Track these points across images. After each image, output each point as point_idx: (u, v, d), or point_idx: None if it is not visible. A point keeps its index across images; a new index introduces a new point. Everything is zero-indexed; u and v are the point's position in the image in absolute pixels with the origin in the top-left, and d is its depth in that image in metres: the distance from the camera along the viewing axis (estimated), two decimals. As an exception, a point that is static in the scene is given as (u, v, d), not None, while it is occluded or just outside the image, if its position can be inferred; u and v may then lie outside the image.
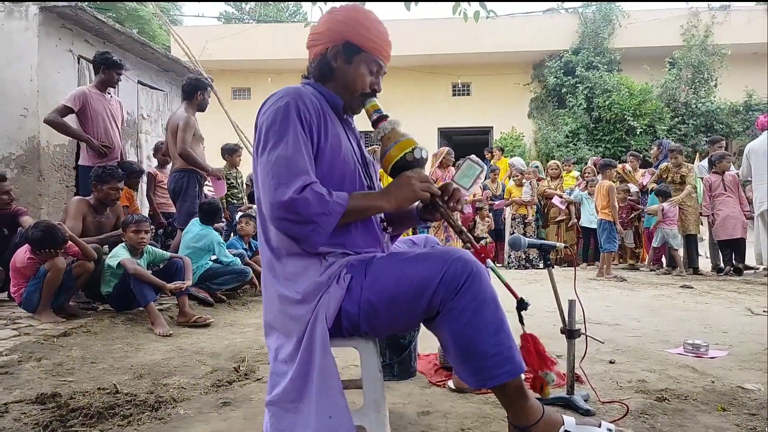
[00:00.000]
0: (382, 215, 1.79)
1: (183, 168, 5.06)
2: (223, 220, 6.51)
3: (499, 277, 1.76)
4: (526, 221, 8.46)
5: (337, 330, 1.54)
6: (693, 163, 8.58)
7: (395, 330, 1.60)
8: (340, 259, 1.57)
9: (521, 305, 1.63)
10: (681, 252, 7.38)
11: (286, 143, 1.50)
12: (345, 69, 1.68)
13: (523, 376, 1.52)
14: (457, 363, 1.52)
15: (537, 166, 9.78)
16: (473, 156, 2.08)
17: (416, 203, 1.74)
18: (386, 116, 1.69)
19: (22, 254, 3.69)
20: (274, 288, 1.58)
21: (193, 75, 5.37)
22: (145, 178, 6.17)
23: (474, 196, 8.30)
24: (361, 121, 1.77)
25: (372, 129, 1.68)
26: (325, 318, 1.50)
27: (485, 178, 9.46)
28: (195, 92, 5.17)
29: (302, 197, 1.44)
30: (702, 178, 7.43)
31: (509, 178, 9.18)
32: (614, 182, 7.60)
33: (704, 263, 7.68)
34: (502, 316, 1.49)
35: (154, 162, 6.50)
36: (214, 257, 4.73)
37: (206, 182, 5.24)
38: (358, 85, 1.69)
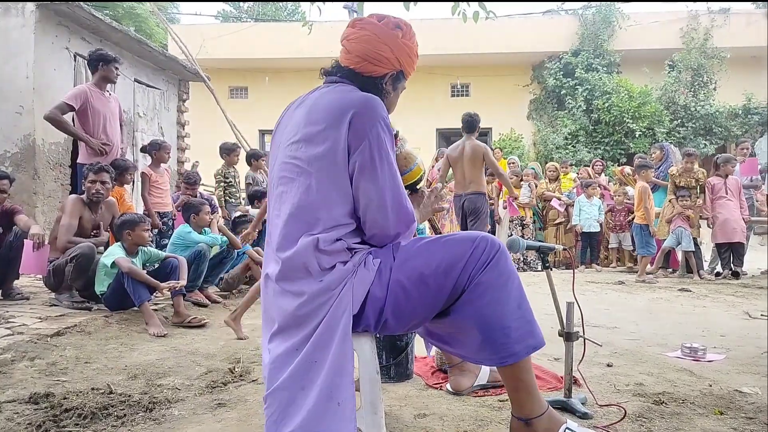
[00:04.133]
0: None
1: (478, 191, 6.04)
2: (219, 216, 6.49)
3: None
4: (524, 223, 8.45)
5: (357, 319, 1.55)
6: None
7: (418, 315, 1.60)
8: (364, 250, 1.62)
9: None
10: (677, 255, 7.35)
11: (395, 160, 1.64)
12: (391, 94, 1.80)
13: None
14: (476, 345, 1.56)
15: (533, 169, 9.76)
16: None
17: None
18: (398, 133, 1.85)
19: None
20: (297, 283, 1.56)
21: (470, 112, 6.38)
22: (139, 177, 6.12)
23: None
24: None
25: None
26: (351, 303, 1.52)
27: None
28: (476, 126, 6.24)
29: (416, 219, 1.69)
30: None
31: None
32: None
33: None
34: (524, 292, 1.58)
35: (149, 160, 6.43)
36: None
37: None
38: (393, 108, 1.82)
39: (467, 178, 6.06)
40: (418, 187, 2.01)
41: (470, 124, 6.13)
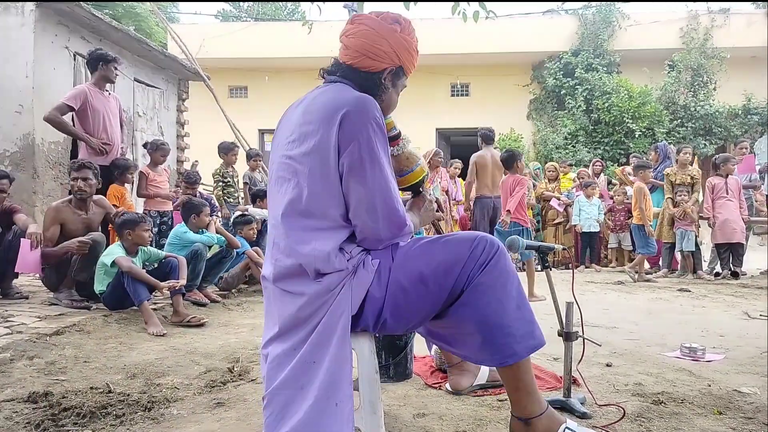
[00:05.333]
0: None
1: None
2: (220, 216, 6.49)
3: None
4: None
5: (354, 320, 1.55)
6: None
7: (417, 316, 1.60)
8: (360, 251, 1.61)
9: None
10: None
11: (389, 162, 1.60)
12: (390, 91, 1.77)
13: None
14: (477, 345, 1.55)
15: (538, 168, 9.75)
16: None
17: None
18: (400, 132, 1.86)
19: None
20: (297, 285, 1.56)
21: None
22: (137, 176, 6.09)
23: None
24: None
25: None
26: (350, 303, 1.51)
27: None
28: (492, 139, 7.06)
29: (409, 225, 1.63)
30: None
31: None
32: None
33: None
34: (523, 293, 1.59)
35: (148, 159, 6.41)
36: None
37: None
38: (393, 106, 1.82)
39: (494, 183, 6.79)
40: (421, 189, 1.93)
41: (490, 137, 7.01)
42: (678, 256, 7.26)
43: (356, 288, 1.53)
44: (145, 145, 6.17)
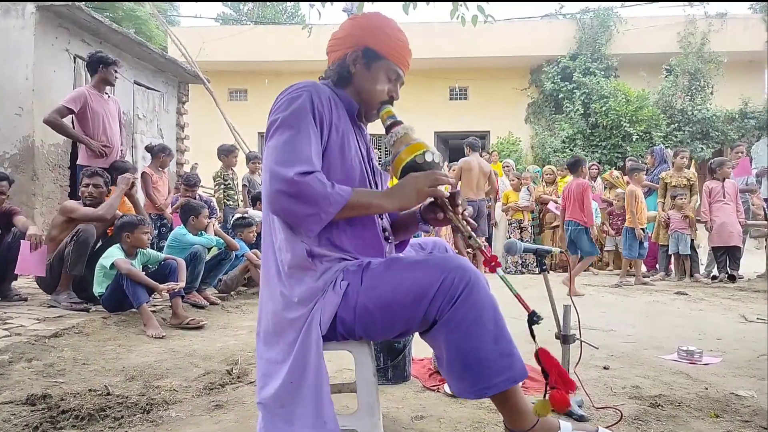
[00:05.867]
0: (387, 225, 1.80)
1: (484, 198, 7.66)
2: (218, 219, 6.49)
3: (509, 286, 1.58)
4: (522, 226, 8.46)
5: (331, 334, 1.54)
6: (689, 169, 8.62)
7: (391, 336, 1.58)
8: (336, 264, 1.55)
9: (532, 319, 1.50)
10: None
11: (296, 132, 1.49)
12: (364, 75, 1.68)
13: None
14: (454, 375, 1.50)
15: (538, 171, 9.77)
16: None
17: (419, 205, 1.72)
18: (400, 122, 1.68)
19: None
20: (274, 287, 1.57)
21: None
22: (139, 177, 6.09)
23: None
24: (373, 125, 1.81)
25: (384, 134, 1.69)
26: (319, 324, 1.49)
27: None
28: (478, 147, 7.77)
29: (305, 180, 1.42)
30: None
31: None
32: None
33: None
34: (502, 323, 1.47)
35: (148, 161, 6.40)
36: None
37: None
38: (376, 92, 1.68)
39: (479, 187, 7.32)
40: (422, 161, 1.58)
41: (476, 145, 7.58)
42: (673, 258, 7.28)
43: (326, 309, 1.50)
44: (150, 149, 6.15)
